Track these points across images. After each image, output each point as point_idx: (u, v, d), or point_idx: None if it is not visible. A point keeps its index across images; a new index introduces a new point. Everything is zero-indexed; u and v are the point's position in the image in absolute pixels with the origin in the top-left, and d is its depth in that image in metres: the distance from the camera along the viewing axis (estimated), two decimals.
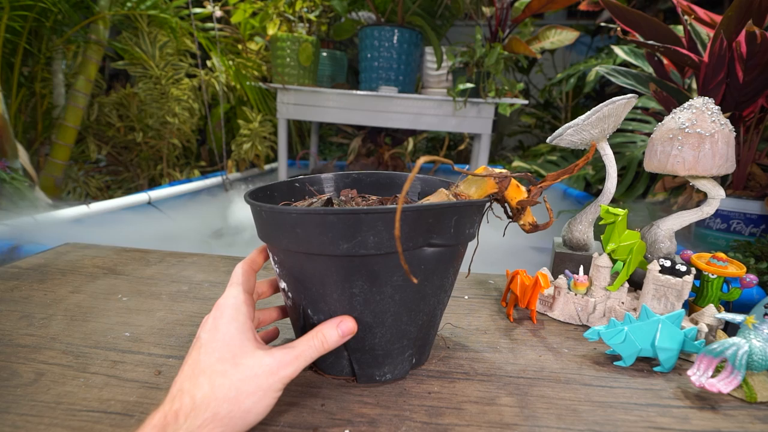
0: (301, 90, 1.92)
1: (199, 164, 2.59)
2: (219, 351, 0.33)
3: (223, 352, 0.33)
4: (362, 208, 0.35)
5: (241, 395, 0.31)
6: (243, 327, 0.35)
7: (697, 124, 0.52)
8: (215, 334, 0.34)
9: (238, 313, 0.35)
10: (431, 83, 1.98)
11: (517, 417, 0.38)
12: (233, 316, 0.35)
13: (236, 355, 0.33)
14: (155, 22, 2.03)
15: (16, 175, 1.40)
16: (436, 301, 0.42)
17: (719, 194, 0.54)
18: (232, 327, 0.34)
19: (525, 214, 0.42)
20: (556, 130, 0.59)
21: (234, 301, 0.36)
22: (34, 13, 1.63)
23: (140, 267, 0.70)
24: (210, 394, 0.31)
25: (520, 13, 1.85)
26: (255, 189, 0.44)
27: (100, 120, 2.14)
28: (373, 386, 0.41)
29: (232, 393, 0.31)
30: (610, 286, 0.55)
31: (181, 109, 2.18)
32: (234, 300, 0.36)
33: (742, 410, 0.40)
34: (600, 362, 0.47)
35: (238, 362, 0.33)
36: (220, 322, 0.35)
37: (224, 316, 0.35)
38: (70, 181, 1.96)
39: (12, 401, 0.37)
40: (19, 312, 0.53)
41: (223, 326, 0.34)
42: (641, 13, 1.22)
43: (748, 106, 1.14)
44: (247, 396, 0.32)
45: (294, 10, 2.08)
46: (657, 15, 2.59)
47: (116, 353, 0.45)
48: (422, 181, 0.52)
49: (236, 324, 0.35)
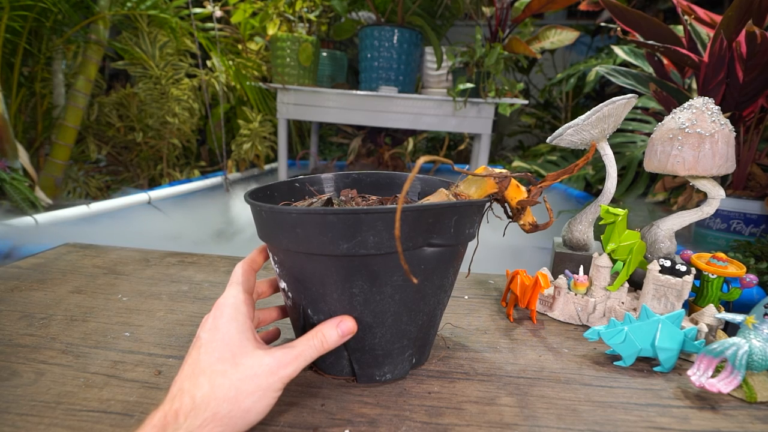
0: (301, 90, 1.92)
1: (199, 164, 2.59)
2: (219, 351, 0.33)
3: (222, 352, 0.33)
4: (362, 208, 0.35)
5: (241, 395, 0.31)
6: (243, 327, 0.35)
7: (697, 124, 0.52)
8: (215, 333, 0.34)
9: (237, 313, 0.35)
10: (431, 83, 1.98)
11: (517, 417, 0.38)
12: (233, 315, 0.35)
13: (236, 355, 0.33)
14: (155, 22, 2.03)
15: (16, 175, 1.40)
16: (436, 301, 0.42)
17: (719, 194, 0.54)
18: (232, 327, 0.34)
19: (525, 214, 0.42)
20: (556, 130, 0.59)
21: (234, 300, 0.36)
22: (34, 13, 1.63)
23: (140, 267, 0.70)
24: (210, 393, 0.31)
25: (520, 13, 1.85)
26: (255, 189, 0.44)
27: (100, 120, 2.14)
28: (373, 386, 0.41)
29: (232, 392, 0.31)
30: (610, 286, 0.55)
31: (181, 109, 2.18)
32: (234, 300, 0.36)
33: (742, 410, 0.40)
34: (600, 362, 0.47)
35: (237, 362, 0.32)
36: (220, 322, 0.35)
37: (224, 315, 0.35)
38: (70, 181, 1.96)
39: (12, 401, 0.37)
40: (19, 312, 0.53)
41: (223, 326, 0.34)
42: (641, 13, 1.22)
43: (748, 106, 1.14)
44: (247, 395, 0.31)
45: (294, 10, 2.08)
46: (657, 15, 2.59)
47: (116, 353, 0.45)
48: (422, 181, 0.52)
49: (236, 324, 0.35)
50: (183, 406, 0.30)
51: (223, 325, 0.34)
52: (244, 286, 0.39)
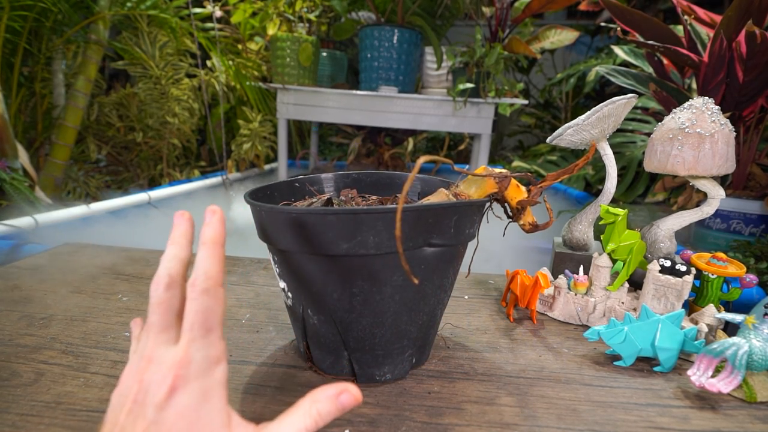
0: (301, 90, 1.92)
1: (199, 164, 2.59)
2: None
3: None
4: (362, 208, 0.35)
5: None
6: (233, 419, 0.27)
7: (697, 124, 0.52)
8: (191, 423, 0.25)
9: (224, 398, 0.27)
10: (431, 83, 1.98)
11: (517, 417, 0.38)
12: (223, 403, 0.26)
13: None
14: (155, 22, 2.03)
15: (16, 175, 1.40)
16: (436, 301, 0.42)
17: (719, 194, 0.54)
18: (218, 419, 0.26)
19: (525, 214, 0.42)
20: (556, 130, 0.59)
21: (224, 376, 0.27)
22: (34, 13, 1.63)
23: (140, 267, 0.70)
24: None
25: (520, 13, 1.84)
26: (255, 189, 0.44)
27: (100, 120, 2.14)
28: (373, 386, 0.41)
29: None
30: (610, 286, 0.55)
31: (181, 109, 2.18)
32: (224, 375, 0.27)
33: (742, 410, 0.40)
34: (600, 362, 0.47)
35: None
36: (203, 410, 0.25)
37: (212, 399, 0.26)
38: (70, 181, 1.95)
39: (12, 401, 0.37)
40: (19, 312, 0.53)
41: (205, 416, 0.25)
42: (641, 13, 1.22)
43: (748, 106, 1.14)
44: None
45: (294, 10, 2.08)
46: (657, 15, 2.59)
47: (116, 353, 0.45)
48: (422, 181, 0.52)
49: (225, 414, 0.27)
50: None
51: (206, 414, 0.25)
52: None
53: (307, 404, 0.28)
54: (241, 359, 0.45)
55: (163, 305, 0.27)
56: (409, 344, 0.41)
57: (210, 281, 0.27)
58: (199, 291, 0.26)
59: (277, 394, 0.40)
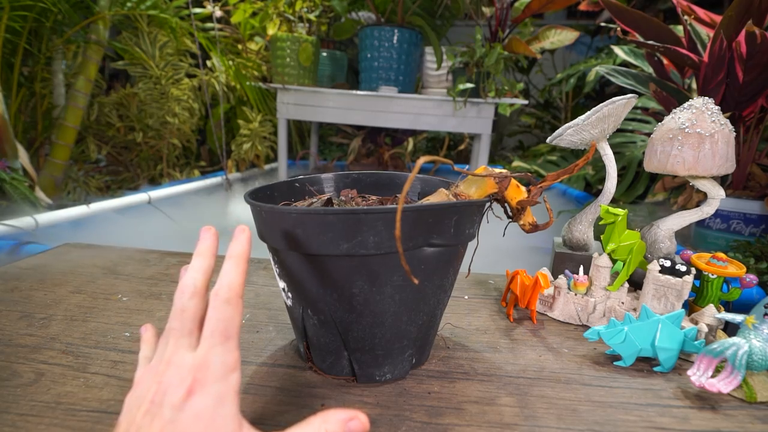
0: (301, 90, 1.92)
1: (199, 164, 2.59)
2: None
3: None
4: (362, 208, 0.35)
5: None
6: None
7: (697, 124, 0.52)
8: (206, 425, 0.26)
9: (236, 405, 0.27)
10: (431, 83, 1.98)
11: (517, 417, 0.38)
12: (236, 410, 0.27)
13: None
14: (155, 22, 2.03)
15: (16, 175, 1.40)
16: (436, 301, 0.42)
17: (719, 194, 0.54)
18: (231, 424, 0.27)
19: (525, 214, 0.42)
20: (556, 130, 0.59)
21: (237, 382, 0.28)
22: (34, 13, 1.63)
23: (140, 267, 0.70)
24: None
25: (520, 13, 1.85)
26: (255, 189, 0.44)
27: (100, 120, 2.14)
28: (373, 386, 0.41)
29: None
30: (610, 286, 0.55)
31: (181, 109, 2.18)
32: (237, 381, 0.28)
33: (742, 410, 0.40)
34: (600, 362, 0.47)
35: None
36: (219, 413, 0.26)
37: (226, 404, 0.26)
38: (70, 181, 1.95)
39: (12, 401, 0.37)
40: (19, 312, 0.53)
41: (220, 419, 0.26)
42: (641, 13, 1.22)
43: (748, 106, 1.14)
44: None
45: (294, 10, 2.08)
46: (657, 15, 2.59)
47: (116, 353, 0.45)
48: (422, 181, 0.52)
49: (238, 419, 0.27)
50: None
51: (220, 418, 0.25)
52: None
53: (318, 423, 0.28)
54: (241, 359, 0.45)
55: (186, 312, 0.28)
56: (409, 344, 0.41)
57: (232, 292, 0.28)
58: (222, 300, 0.27)
59: (277, 394, 0.40)
